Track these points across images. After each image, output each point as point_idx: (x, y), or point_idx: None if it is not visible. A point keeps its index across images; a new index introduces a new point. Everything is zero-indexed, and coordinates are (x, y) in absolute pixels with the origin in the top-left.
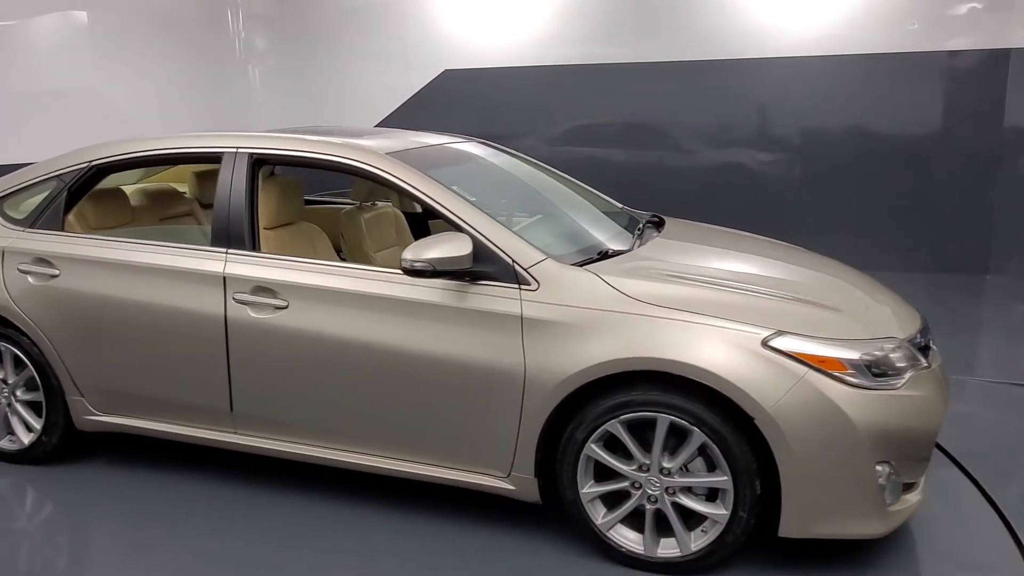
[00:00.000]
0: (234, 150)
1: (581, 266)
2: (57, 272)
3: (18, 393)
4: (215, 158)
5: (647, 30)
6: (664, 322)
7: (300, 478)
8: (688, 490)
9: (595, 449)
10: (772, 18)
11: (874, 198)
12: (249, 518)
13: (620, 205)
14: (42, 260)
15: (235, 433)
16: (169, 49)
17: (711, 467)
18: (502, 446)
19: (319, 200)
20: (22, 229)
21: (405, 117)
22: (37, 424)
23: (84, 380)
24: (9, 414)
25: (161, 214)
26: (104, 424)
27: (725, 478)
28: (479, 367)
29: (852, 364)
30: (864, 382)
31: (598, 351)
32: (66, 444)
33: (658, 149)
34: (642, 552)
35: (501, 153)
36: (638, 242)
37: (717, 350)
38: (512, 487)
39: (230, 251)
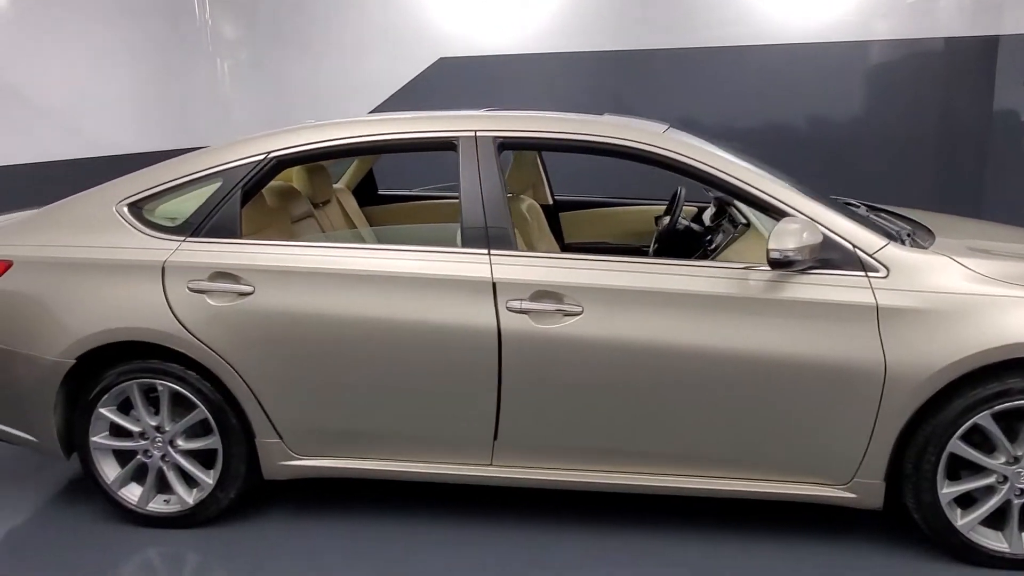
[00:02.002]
0: (472, 133)
1: (920, 250)
2: (250, 288)
3: (179, 442)
4: (445, 144)
5: (651, 18)
6: None
7: (534, 507)
8: None
9: (961, 445)
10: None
11: None
12: (485, 553)
13: None
14: (226, 275)
15: (491, 466)
16: (125, 39)
17: None
18: (846, 450)
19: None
20: (182, 239)
21: (394, 109)
22: (208, 478)
23: (285, 418)
24: (165, 469)
25: (290, 215)
26: (305, 469)
27: None
28: (826, 364)
29: None
30: None
31: (975, 339)
32: (243, 498)
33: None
34: (1007, 550)
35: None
36: (920, 223)
37: None
38: (852, 495)
39: (493, 252)
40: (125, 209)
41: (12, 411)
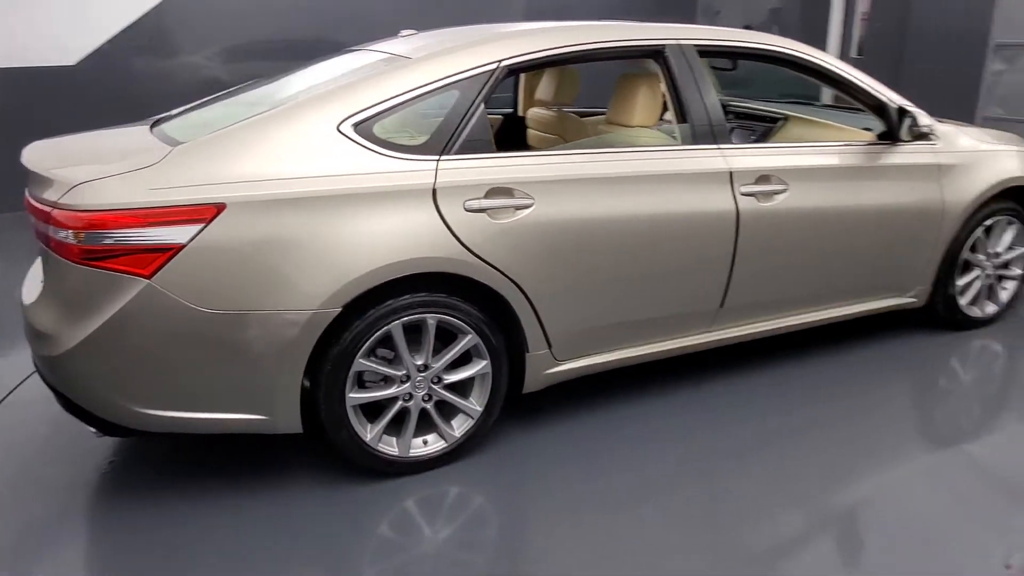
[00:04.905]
0: (676, 42)
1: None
2: (530, 201)
3: (444, 376)
4: (653, 52)
5: None
6: (1005, 154)
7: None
8: None
9: (970, 254)
10: None
11: None
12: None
13: None
14: (502, 190)
15: (709, 331)
16: None
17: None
18: (918, 267)
19: None
20: (436, 157)
21: (123, 48)
22: (477, 405)
23: (557, 326)
24: (430, 409)
25: None
26: (563, 374)
27: None
28: (916, 208)
29: None
30: None
31: (989, 180)
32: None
33: None
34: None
35: None
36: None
37: None
38: (915, 299)
39: (721, 146)
40: (351, 129)
41: (229, 391)
